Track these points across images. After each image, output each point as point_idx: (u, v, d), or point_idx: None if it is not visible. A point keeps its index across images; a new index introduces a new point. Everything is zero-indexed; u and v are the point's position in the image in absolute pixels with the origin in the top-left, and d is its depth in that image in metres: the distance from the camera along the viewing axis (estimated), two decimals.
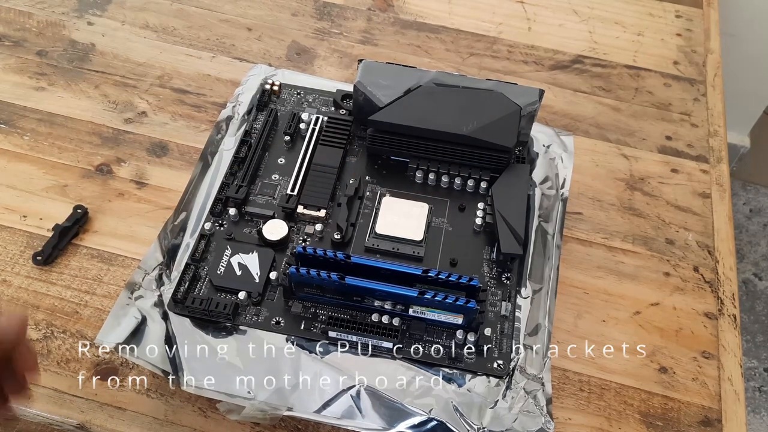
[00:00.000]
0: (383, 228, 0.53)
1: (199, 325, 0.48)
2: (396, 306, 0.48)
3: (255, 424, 0.47)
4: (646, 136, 0.67)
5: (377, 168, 0.58)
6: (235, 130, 0.60)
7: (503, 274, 0.52)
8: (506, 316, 0.50)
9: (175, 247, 0.52)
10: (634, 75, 0.73)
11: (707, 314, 0.55)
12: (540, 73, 0.72)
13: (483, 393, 0.46)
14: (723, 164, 0.65)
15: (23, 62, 0.69)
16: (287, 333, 0.48)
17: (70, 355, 0.49)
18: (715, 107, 0.71)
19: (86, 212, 0.56)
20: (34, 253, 0.54)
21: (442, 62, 0.72)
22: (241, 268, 0.50)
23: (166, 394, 0.48)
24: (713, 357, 0.52)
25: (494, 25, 0.77)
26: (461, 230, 0.54)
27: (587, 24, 0.78)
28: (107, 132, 0.63)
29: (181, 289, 0.50)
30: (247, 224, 0.54)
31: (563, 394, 0.50)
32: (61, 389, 0.48)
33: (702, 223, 0.61)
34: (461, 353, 0.48)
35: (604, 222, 0.60)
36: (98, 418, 0.47)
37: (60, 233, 0.54)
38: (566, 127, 0.67)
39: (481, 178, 0.56)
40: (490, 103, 0.55)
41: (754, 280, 1.37)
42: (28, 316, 0.51)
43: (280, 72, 0.65)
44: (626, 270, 0.57)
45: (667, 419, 0.49)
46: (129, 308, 0.48)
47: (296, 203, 0.54)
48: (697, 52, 0.76)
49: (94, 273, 0.54)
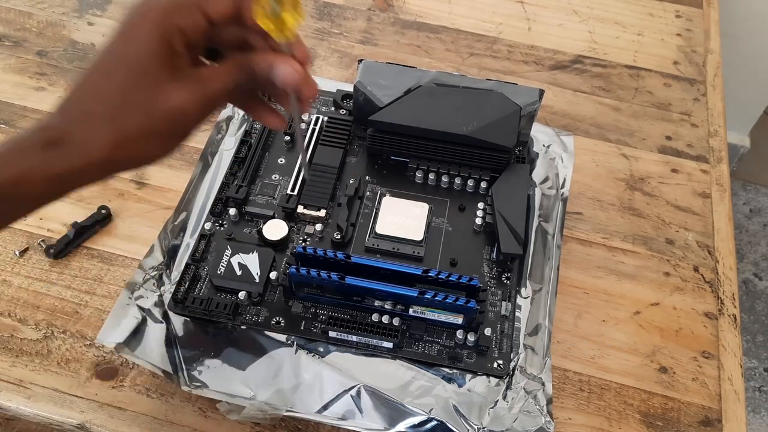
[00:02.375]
0: (383, 228, 0.53)
1: (200, 325, 0.48)
2: (396, 306, 0.48)
3: (255, 424, 0.47)
4: (646, 136, 0.67)
5: (377, 168, 0.58)
6: (236, 130, 0.60)
7: (503, 274, 0.52)
8: (506, 316, 0.50)
9: (175, 247, 0.52)
10: (634, 75, 0.73)
11: (707, 314, 0.55)
12: (540, 73, 0.72)
13: (483, 393, 0.46)
14: (723, 164, 0.65)
15: (23, 62, 0.69)
16: (287, 333, 0.48)
17: (70, 355, 0.49)
18: (715, 107, 0.71)
19: (109, 214, 0.56)
20: (48, 245, 0.54)
21: (442, 62, 0.72)
22: (241, 268, 0.50)
23: (166, 394, 0.48)
24: (713, 357, 0.52)
25: (494, 25, 0.77)
26: (461, 230, 0.54)
27: (587, 24, 0.78)
28: None
29: (181, 289, 0.50)
30: (247, 224, 0.54)
31: (563, 394, 0.50)
32: (61, 389, 0.48)
33: (702, 223, 0.61)
34: (461, 353, 0.48)
35: (604, 222, 0.60)
36: (98, 418, 0.47)
37: (77, 231, 0.54)
38: (566, 127, 0.67)
39: (481, 178, 0.56)
40: (490, 103, 0.55)
41: (754, 280, 1.37)
42: (29, 316, 0.51)
43: None
44: (626, 270, 0.57)
45: (667, 419, 0.49)
46: (129, 308, 0.48)
47: (296, 203, 0.54)
48: (697, 52, 0.76)
49: (94, 273, 0.54)
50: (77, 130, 0.32)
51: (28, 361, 0.49)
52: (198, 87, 0.34)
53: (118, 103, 0.33)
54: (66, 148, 0.32)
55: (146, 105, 0.33)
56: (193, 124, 0.35)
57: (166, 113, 0.33)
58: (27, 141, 0.32)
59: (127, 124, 0.33)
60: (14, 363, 0.49)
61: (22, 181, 0.31)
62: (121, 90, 0.33)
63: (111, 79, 0.33)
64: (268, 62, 0.36)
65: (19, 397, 0.47)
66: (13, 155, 0.32)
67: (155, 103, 0.33)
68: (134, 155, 0.34)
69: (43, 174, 0.32)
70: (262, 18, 0.34)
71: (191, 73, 0.35)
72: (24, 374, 0.48)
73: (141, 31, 0.33)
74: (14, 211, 0.33)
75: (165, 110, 0.33)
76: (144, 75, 0.33)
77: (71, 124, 0.33)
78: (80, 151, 0.32)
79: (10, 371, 0.48)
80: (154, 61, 0.33)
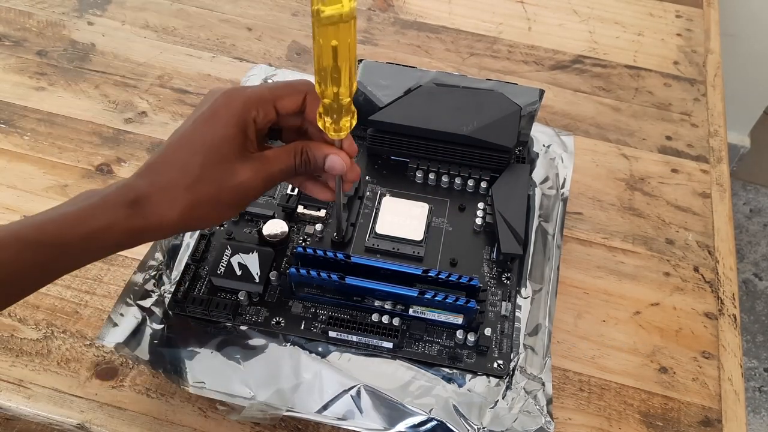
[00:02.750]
0: (383, 228, 0.53)
1: (200, 325, 0.48)
2: (396, 306, 0.48)
3: (255, 424, 0.47)
4: (646, 136, 0.67)
5: (377, 168, 0.58)
6: None
7: (503, 274, 0.52)
8: (506, 316, 0.50)
9: (175, 247, 0.52)
10: (634, 75, 0.73)
11: (707, 314, 0.55)
12: (540, 73, 0.72)
13: (483, 393, 0.46)
14: (723, 164, 0.65)
15: (23, 62, 0.69)
16: (287, 333, 0.48)
17: (70, 354, 0.49)
18: (715, 107, 0.71)
19: None
20: None
21: (442, 62, 0.72)
22: (241, 268, 0.50)
23: (166, 394, 0.48)
24: (713, 357, 0.52)
25: (494, 25, 0.77)
26: (461, 230, 0.54)
27: (587, 24, 0.78)
28: (107, 132, 0.63)
29: (181, 289, 0.50)
30: (247, 224, 0.54)
31: (563, 394, 0.50)
32: (61, 389, 0.48)
33: (702, 223, 0.61)
34: (461, 353, 0.48)
35: (604, 222, 0.60)
36: (98, 418, 0.47)
37: None
38: (566, 127, 0.67)
39: (481, 178, 0.56)
40: (490, 103, 0.55)
41: (754, 280, 1.37)
42: (29, 315, 0.51)
43: (280, 72, 0.65)
44: (626, 270, 0.57)
45: (667, 419, 0.49)
46: (129, 308, 0.48)
47: (296, 203, 0.54)
48: (697, 52, 0.76)
49: (94, 273, 0.54)
50: (159, 194, 0.39)
51: (28, 361, 0.49)
52: (262, 167, 0.41)
53: (196, 177, 0.39)
54: (147, 208, 0.38)
55: (219, 180, 0.40)
56: (254, 197, 0.42)
57: (235, 187, 0.40)
58: (114, 198, 0.38)
59: (201, 193, 0.39)
60: (14, 363, 0.49)
61: (108, 230, 0.38)
62: (201, 166, 0.39)
63: (193, 156, 0.39)
64: (323, 153, 0.43)
65: (19, 397, 0.47)
66: (105, 208, 0.38)
67: (226, 179, 0.40)
68: (201, 219, 0.41)
69: (125, 227, 0.38)
70: (322, 120, 0.41)
71: (258, 155, 0.41)
72: (24, 374, 0.48)
73: (222, 119, 0.40)
74: (95, 255, 0.39)
75: (234, 185, 0.40)
76: (220, 155, 0.40)
77: (154, 188, 0.39)
78: (159, 211, 0.39)
79: (10, 371, 0.48)
80: (230, 145, 0.40)
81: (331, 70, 0.37)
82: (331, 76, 0.37)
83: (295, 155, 0.42)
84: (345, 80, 0.37)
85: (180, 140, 0.40)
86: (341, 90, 0.38)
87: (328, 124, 0.41)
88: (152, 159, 0.40)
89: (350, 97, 0.39)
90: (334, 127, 0.41)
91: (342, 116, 0.40)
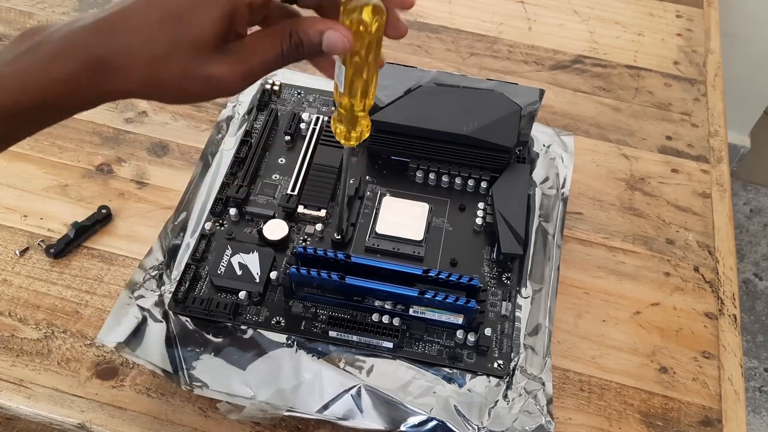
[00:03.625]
0: (383, 228, 0.53)
1: (200, 324, 0.48)
2: (396, 306, 0.48)
3: (255, 424, 0.47)
4: (646, 136, 0.67)
5: (377, 168, 0.58)
6: (236, 130, 0.60)
7: (503, 274, 0.52)
8: (506, 316, 0.50)
9: (175, 247, 0.52)
10: (635, 75, 0.73)
11: (707, 314, 0.55)
12: (540, 73, 0.72)
13: (483, 393, 0.46)
14: (723, 164, 0.65)
15: None
16: (287, 333, 0.48)
17: (70, 354, 0.49)
18: (715, 107, 0.71)
19: (110, 213, 0.56)
20: (48, 245, 0.54)
21: (442, 62, 0.72)
22: (241, 268, 0.50)
23: (166, 394, 0.48)
24: (713, 357, 0.52)
25: (494, 25, 0.77)
26: (461, 230, 0.54)
27: (587, 24, 0.78)
28: (108, 132, 0.63)
29: (181, 289, 0.50)
30: (247, 224, 0.54)
31: (563, 394, 0.50)
32: (61, 389, 0.48)
33: (702, 223, 0.61)
34: (461, 353, 0.48)
35: (605, 222, 0.60)
36: (98, 418, 0.47)
37: (77, 231, 0.54)
38: (566, 127, 0.67)
39: (482, 178, 0.56)
40: (490, 103, 0.55)
41: (754, 280, 1.37)
42: (29, 315, 0.51)
43: (280, 72, 0.65)
44: (626, 270, 0.57)
45: (668, 419, 0.49)
46: (129, 308, 0.48)
47: (296, 203, 0.54)
48: (698, 52, 0.76)
49: (94, 273, 0.54)
50: (118, 59, 0.32)
51: (29, 361, 0.49)
52: (240, 61, 0.34)
53: (160, 54, 0.33)
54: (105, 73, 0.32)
55: (185, 66, 0.33)
56: (228, 95, 0.36)
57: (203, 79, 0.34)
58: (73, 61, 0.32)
59: (162, 73, 0.33)
60: (14, 363, 0.49)
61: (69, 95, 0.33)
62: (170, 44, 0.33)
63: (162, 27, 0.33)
64: (317, 30, 0.35)
65: (20, 397, 0.47)
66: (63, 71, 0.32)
67: (195, 67, 0.33)
68: (161, 97, 0.35)
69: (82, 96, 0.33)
70: (335, 125, 0.42)
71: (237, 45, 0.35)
72: (24, 374, 0.48)
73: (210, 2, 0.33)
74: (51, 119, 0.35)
75: (203, 76, 0.34)
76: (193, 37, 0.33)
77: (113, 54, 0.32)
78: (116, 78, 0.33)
79: (11, 371, 0.48)
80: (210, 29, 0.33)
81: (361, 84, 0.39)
82: (359, 89, 0.39)
83: (282, 40, 0.35)
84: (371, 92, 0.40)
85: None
86: (367, 101, 0.40)
87: (339, 131, 0.42)
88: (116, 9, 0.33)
89: (365, 110, 0.41)
90: (345, 135, 0.42)
91: (356, 127, 0.42)
